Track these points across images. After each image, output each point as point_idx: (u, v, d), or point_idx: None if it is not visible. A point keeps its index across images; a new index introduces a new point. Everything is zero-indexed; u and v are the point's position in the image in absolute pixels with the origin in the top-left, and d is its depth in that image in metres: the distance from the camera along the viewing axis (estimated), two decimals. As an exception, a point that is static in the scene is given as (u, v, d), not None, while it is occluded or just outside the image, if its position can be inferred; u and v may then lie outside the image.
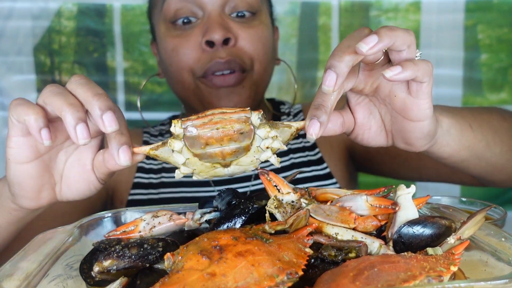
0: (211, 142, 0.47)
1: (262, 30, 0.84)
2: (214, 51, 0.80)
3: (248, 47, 0.81)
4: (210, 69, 0.80)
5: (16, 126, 0.52)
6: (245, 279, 0.38)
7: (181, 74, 0.83)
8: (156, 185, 0.93)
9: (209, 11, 0.81)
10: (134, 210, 0.60)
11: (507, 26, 1.42)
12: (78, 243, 0.54)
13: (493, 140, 0.68)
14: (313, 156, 0.95)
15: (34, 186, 0.54)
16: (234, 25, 0.81)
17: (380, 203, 0.49)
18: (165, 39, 0.84)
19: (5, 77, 1.46)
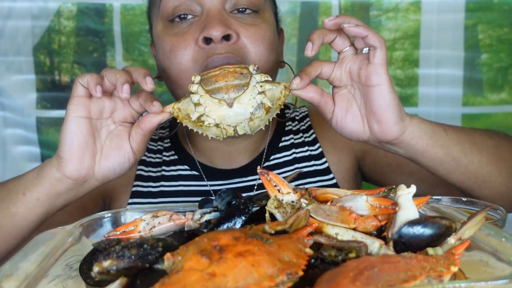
0: (219, 79, 0.63)
1: (265, 29, 0.79)
2: (211, 48, 0.74)
3: (250, 46, 0.77)
4: (206, 67, 0.74)
5: (80, 87, 0.66)
6: (245, 279, 0.38)
7: (179, 76, 0.79)
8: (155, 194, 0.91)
9: (208, 8, 0.76)
10: (134, 210, 0.60)
11: (507, 26, 1.42)
12: (78, 243, 0.54)
13: (470, 148, 0.73)
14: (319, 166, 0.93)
15: (81, 144, 0.66)
16: (235, 22, 0.77)
17: (380, 203, 0.49)
18: (163, 38, 0.80)
19: (4, 77, 1.46)
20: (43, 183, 0.67)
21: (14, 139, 1.49)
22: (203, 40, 0.74)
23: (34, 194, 0.67)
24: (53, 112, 1.51)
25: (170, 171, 0.91)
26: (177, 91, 0.83)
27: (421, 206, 0.52)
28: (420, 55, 1.46)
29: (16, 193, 0.69)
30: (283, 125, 0.95)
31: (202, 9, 0.77)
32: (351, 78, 0.69)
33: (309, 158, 0.92)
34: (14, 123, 1.49)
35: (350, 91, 0.69)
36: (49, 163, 0.68)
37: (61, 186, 0.67)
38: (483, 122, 1.51)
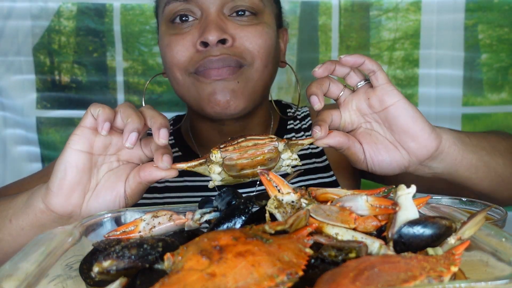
0: (246, 167, 0.60)
1: (262, 29, 0.82)
2: (208, 50, 0.79)
3: (248, 44, 0.80)
4: (201, 66, 0.80)
5: (89, 118, 0.62)
6: (245, 279, 0.38)
7: (173, 71, 0.83)
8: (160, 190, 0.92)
9: (206, 12, 0.80)
10: (134, 210, 0.60)
11: (507, 26, 1.42)
12: (78, 243, 0.54)
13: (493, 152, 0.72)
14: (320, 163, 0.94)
15: (73, 179, 0.62)
16: (232, 26, 0.81)
17: (380, 203, 0.49)
18: (163, 37, 0.85)
19: (4, 77, 1.46)
20: (29, 212, 0.64)
21: (14, 139, 1.49)
22: (201, 44, 0.79)
23: (19, 222, 0.65)
24: (53, 112, 1.51)
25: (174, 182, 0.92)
26: (174, 86, 0.87)
27: (421, 206, 0.52)
28: (420, 55, 1.46)
29: (4, 218, 0.66)
30: (285, 124, 0.97)
31: (202, 12, 0.81)
32: (362, 114, 0.67)
33: (310, 156, 0.94)
34: (14, 123, 1.49)
35: (367, 127, 0.68)
36: (38, 191, 0.64)
37: (45, 218, 0.63)
38: (483, 122, 1.51)
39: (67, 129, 1.50)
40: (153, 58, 1.50)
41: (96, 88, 1.50)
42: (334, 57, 1.48)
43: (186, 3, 0.81)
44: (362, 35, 1.47)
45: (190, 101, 0.85)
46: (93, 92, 1.50)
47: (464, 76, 1.44)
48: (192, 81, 0.82)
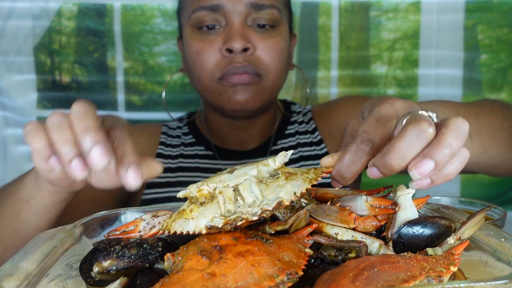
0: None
1: (279, 42, 0.92)
2: (233, 56, 0.89)
3: (265, 56, 0.90)
4: (227, 72, 0.90)
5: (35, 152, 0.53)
6: (245, 279, 0.38)
7: (202, 76, 0.92)
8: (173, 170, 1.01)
9: (231, 21, 0.90)
10: (134, 210, 0.60)
11: (507, 26, 1.42)
12: (78, 243, 0.54)
13: (491, 145, 0.70)
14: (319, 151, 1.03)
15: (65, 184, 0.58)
16: (254, 35, 0.90)
17: (380, 203, 0.49)
18: (190, 42, 0.93)
19: (5, 77, 1.46)
20: (42, 194, 0.64)
21: (14, 138, 1.49)
22: (226, 51, 0.89)
23: (38, 202, 0.65)
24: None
25: (188, 150, 1.03)
26: (197, 86, 0.97)
27: (421, 206, 0.52)
28: (420, 56, 1.46)
29: (20, 201, 0.67)
30: (289, 117, 1.08)
31: (227, 22, 0.91)
32: None
33: (311, 144, 1.03)
34: (14, 123, 1.49)
35: None
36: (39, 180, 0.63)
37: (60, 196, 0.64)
38: (483, 122, 1.51)
39: (67, 129, 1.50)
40: (153, 58, 1.50)
41: (96, 88, 1.50)
42: (334, 58, 1.48)
43: (214, 13, 0.90)
44: (362, 35, 1.48)
45: (212, 100, 0.96)
46: (94, 92, 1.50)
47: (463, 77, 1.44)
48: (217, 86, 0.92)
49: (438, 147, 0.44)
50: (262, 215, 0.44)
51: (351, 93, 1.48)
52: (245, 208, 0.44)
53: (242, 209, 0.45)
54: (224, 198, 0.45)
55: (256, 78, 0.91)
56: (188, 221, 0.46)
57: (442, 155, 0.44)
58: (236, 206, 0.45)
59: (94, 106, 0.52)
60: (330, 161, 0.51)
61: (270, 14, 0.91)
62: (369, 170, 0.48)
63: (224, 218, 0.44)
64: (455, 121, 0.46)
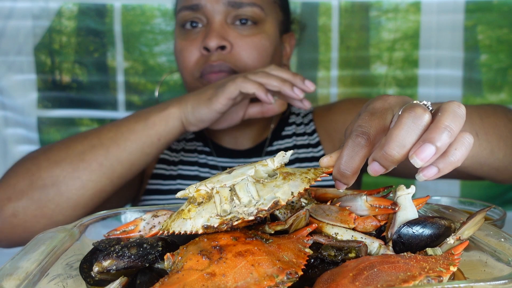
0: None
1: (260, 39, 0.93)
2: (209, 55, 0.91)
3: (243, 54, 0.91)
4: (204, 70, 0.92)
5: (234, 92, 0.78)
6: (244, 279, 0.38)
7: (184, 74, 0.96)
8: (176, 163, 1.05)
9: (212, 20, 0.92)
10: (134, 210, 0.60)
11: (507, 26, 1.42)
12: (78, 243, 0.54)
13: (498, 146, 0.70)
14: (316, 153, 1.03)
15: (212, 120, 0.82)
16: (233, 34, 0.91)
17: (379, 203, 0.49)
18: (176, 40, 0.97)
19: (5, 77, 1.46)
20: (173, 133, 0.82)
21: (15, 138, 1.49)
22: (203, 49, 0.91)
23: (166, 140, 0.82)
24: (54, 111, 1.51)
25: (189, 145, 1.08)
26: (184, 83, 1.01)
27: (421, 206, 0.52)
28: (420, 56, 1.46)
29: (150, 138, 0.81)
30: (287, 118, 1.08)
31: (207, 20, 0.92)
32: None
33: (308, 146, 1.04)
34: (15, 123, 1.49)
35: None
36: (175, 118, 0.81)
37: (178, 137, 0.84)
38: (483, 122, 1.51)
39: (68, 129, 1.50)
40: (153, 58, 1.50)
41: (96, 88, 1.50)
42: (334, 58, 1.48)
43: (194, 12, 0.93)
44: (362, 35, 1.48)
45: None
46: (94, 92, 1.50)
47: (463, 77, 1.44)
48: (198, 84, 0.94)
49: (436, 131, 0.44)
50: (258, 215, 0.44)
51: (351, 93, 1.48)
52: (241, 208, 0.45)
53: (238, 209, 0.45)
54: (221, 198, 0.45)
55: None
56: (186, 221, 0.46)
57: (441, 138, 0.44)
58: (232, 206, 0.45)
59: None
60: (329, 159, 0.50)
61: (250, 11, 0.91)
62: (370, 167, 0.47)
63: (220, 218, 0.44)
64: (450, 105, 0.46)
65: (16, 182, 0.79)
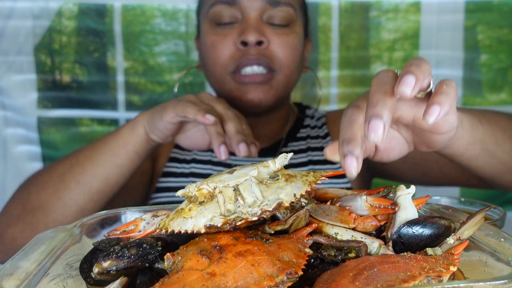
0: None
1: (293, 39, 0.94)
2: (247, 49, 0.90)
3: (278, 51, 0.92)
4: (241, 63, 0.91)
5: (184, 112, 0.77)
6: (244, 279, 0.38)
7: (215, 69, 0.94)
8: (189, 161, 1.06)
9: (247, 16, 0.92)
10: (134, 210, 0.60)
11: (507, 26, 1.42)
12: (78, 243, 0.54)
13: (502, 138, 0.69)
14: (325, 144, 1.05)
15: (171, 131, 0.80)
16: (268, 31, 0.92)
17: (379, 203, 0.49)
18: (206, 36, 0.96)
19: (5, 77, 1.46)
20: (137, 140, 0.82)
21: (15, 138, 1.49)
22: (241, 43, 0.90)
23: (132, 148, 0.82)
24: (54, 111, 1.51)
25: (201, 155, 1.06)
26: (210, 80, 0.99)
27: (421, 206, 0.52)
28: (420, 56, 1.46)
29: (117, 147, 0.82)
30: (302, 120, 1.10)
31: (243, 16, 0.92)
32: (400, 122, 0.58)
33: (321, 149, 1.04)
34: (15, 123, 1.49)
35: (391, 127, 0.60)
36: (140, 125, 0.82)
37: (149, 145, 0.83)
38: (483, 122, 1.51)
39: (68, 129, 1.50)
40: (153, 58, 1.50)
41: (96, 88, 1.50)
42: (334, 58, 1.48)
43: (230, 7, 0.92)
44: (362, 35, 1.48)
45: (224, 93, 0.96)
46: (94, 92, 1.50)
47: (463, 77, 1.44)
48: (230, 80, 0.93)
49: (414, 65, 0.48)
50: (262, 216, 0.45)
51: (351, 93, 1.48)
52: (245, 208, 0.45)
53: (242, 209, 0.45)
54: (224, 198, 0.45)
55: (269, 74, 0.92)
56: (187, 220, 0.46)
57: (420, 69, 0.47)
58: (236, 206, 0.45)
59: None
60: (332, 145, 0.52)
61: (285, 11, 0.92)
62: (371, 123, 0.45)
63: (223, 218, 0.44)
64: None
65: (13, 208, 0.86)
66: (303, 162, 1.03)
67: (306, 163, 1.03)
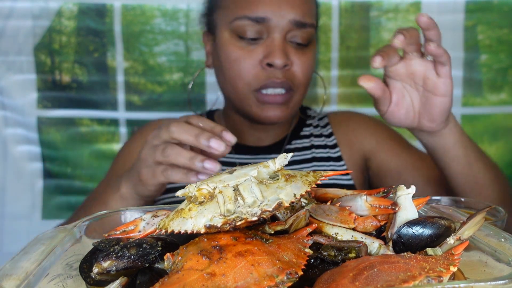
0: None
1: (312, 58, 0.98)
2: (272, 71, 0.92)
3: (299, 71, 0.95)
4: (266, 85, 0.94)
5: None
6: (244, 279, 0.38)
7: (237, 83, 0.95)
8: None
9: (273, 35, 0.93)
10: (134, 210, 0.60)
11: (507, 26, 1.42)
12: (78, 243, 0.54)
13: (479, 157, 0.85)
14: (333, 154, 1.06)
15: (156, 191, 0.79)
16: (291, 51, 0.94)
17: (380, 203, 0.49)
18: (229, 47, 0.95)
19: (5, 77, 1.46)
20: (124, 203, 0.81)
21: (14, 138, 1.49)
22: (267, 65, 0.92)
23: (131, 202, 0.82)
24: (53, 111, 1.51)
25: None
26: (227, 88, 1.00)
27: (421, 207, 0.52)
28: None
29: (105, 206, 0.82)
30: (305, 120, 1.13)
31: (268, 35, 0.93)
32: (412, 79, 0.77)
33: (325, 147, 1.07)
34: (14, 123, 1.49)
35: (405, 88, 0.78)
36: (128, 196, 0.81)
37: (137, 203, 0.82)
38: (482, 122, 1.51)
39: (68, 129, 1.51)
40: (153, 58, 1.50)
41: (96, 88, 1.50)
42: (334, 58, 1.48)
43: (257, 24, 0.92)
44: (362, 35, 1.48)
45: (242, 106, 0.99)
46: (94, 91, 1.50)
47: (463, 77, 1.44)
48: (251, 96, 0.95)
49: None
50: (261, 216, 0.44)
51: (351, 93, 1.48)
52: (245, 208, 0.44)
53: (242, 209, 0.45)
54: (224, 198, 0.45)
55: (288, 95, 0.96)
56: (187, 220, 0.46)
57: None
58: (236, 206, 0.45)
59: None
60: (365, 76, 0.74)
61: (308, 32, 0.95)
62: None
63: (223, 218, 0.44)
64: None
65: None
66: (307, 159, 1.05)
67: (310, 160, 1.05)
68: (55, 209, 1.51)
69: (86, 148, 1.50)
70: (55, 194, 1.51)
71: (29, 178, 1.49)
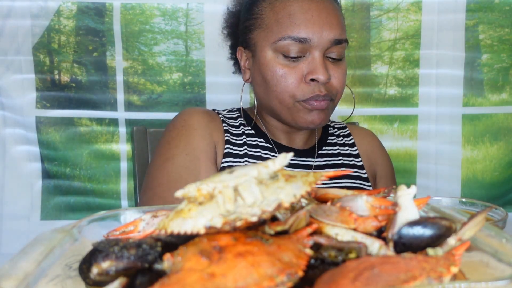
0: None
1: (345, 70, 1.08)
2: (316, 85, 1.02)
3: (337, 83, 1.04)
4: (311, 98, 1.03)
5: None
6: (244, 279, 0.38)
7: (283, 95, 1.04)
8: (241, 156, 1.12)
9: (314, 54, 1.02)
10: (133, 210, 0.60)
11: (508, 26, 1.42)
12: (77, 243, 0.54)
13: None
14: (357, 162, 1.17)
15: None
16: (330, 66, 1.04)
17: (380, 204, 0.49)
18: (274, 64, 1.04)
19: (4, 76, 1.46)
20: None
21: (13, 138, 1.49)
22: (311, 80, 1.01)
23: None
24: (52, 111, 1.51)
25: (250, 140, 1.13)
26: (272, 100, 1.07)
27: (422, 207, 0.52)
28: (421, 55, 1.46)
29: None
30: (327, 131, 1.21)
31: (309, 53, 1.03)
32: None
33: (349, 155, 1.17)
34: (13, 123, 1.49)
35: None
36: None
37: None
38: (483, 122, 1.51)
39: (67, 129, 1.50)
40: (153, 57, 1.50)
41: (96, 87, 1.50)
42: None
43: (300, 44, 1.01)
44: (363, 35, 1.47)
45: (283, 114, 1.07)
46: (93, 91, 1.50)
47: (464, 77, 1.44)
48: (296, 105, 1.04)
49: None
50: (261, 216, 0.44)
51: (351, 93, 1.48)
52: (245, 208, 0.44)
53: (242, 209, 0.44)
54: (224, 198, 0.45)
55: (328, 103, 1.05)
56: (186, 221, 0.45)
57: None
58: (236, 206, 0.44)
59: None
60: None
61: (343, 47, 1.05)
62: None
63: (223, 218, 0.44)
64: None
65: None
66: (337, 164, 1.15)
67: (340, 166, 1.14)
68: (54, 210, 1.51)
69: (85, 148, 1.49)
70: (54, 195, 1.51)
71: (28, 178, 1.49)
